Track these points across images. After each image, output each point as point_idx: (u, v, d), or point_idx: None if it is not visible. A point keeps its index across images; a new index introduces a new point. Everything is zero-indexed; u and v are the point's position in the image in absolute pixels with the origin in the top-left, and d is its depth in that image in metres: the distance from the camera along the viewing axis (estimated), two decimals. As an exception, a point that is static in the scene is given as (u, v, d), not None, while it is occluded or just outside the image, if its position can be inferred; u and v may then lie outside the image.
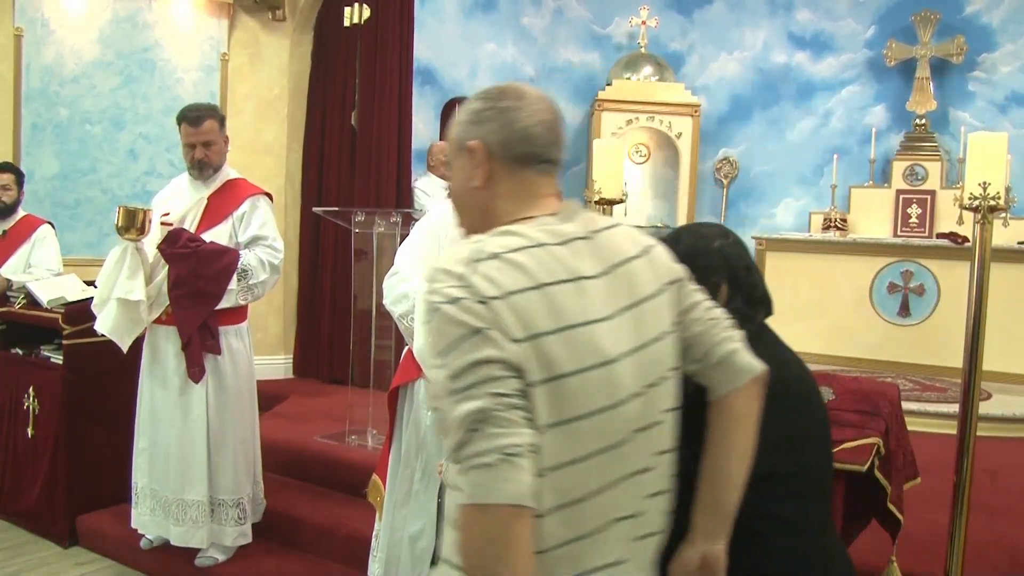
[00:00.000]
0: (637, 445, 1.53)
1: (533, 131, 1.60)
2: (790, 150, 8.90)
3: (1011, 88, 8.12)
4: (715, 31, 9.18)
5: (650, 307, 1.58)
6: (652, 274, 1.61)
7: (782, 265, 7.71)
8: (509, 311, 1.42)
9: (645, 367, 1.55)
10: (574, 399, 1.44)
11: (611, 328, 1.51)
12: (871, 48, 8.65)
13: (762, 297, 2.03)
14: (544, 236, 1.53)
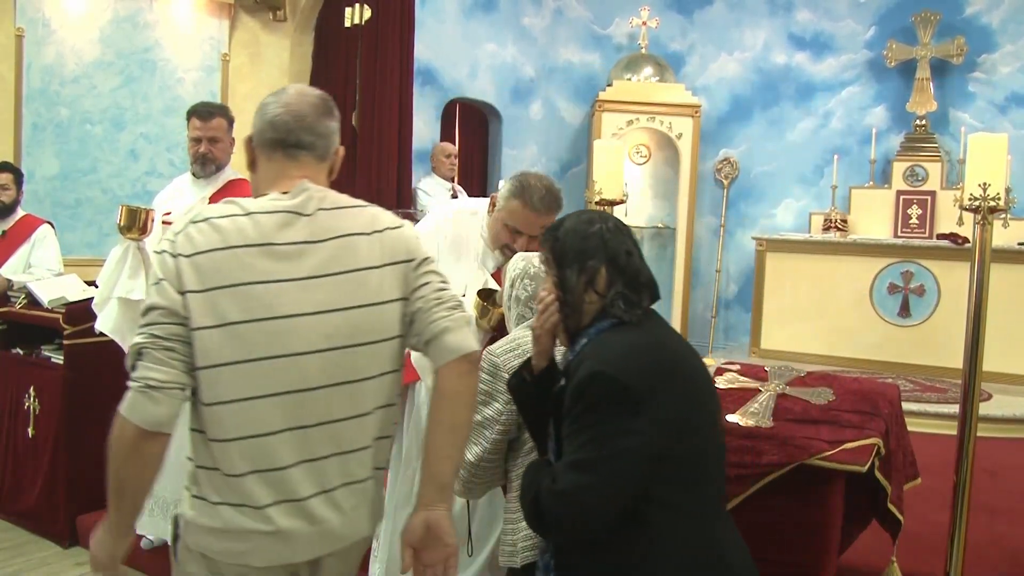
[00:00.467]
0: (327, 398, 1.78)
1: (278, 120, 1.90)
2: (790, 150, 8.90)
3: (1011, 89, 8.12)
4: (715, 31, 9.19)
5: (366, 277, 1.82)
6: (378, 250, 1.84)
7: (782, 266, 7.72)
8: (190, 267, 1.74)
9: (343, 328, 1.79)
10: (246, 345, 1.73)
11: (298, 288, 1.77)
12: (871, 49, 8.65)
13: (646, 282, 2.03)
14: (257, 207, 1.83)
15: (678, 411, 1.85)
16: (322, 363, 1.77)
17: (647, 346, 1.91)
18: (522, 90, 8.95)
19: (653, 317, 2.05)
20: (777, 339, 7.68)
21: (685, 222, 8.72)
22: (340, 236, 1.84)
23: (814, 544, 2.83)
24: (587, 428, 1.82)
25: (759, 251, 7.82)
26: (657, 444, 1.80)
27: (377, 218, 1.91)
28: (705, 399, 1.99)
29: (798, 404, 3.03)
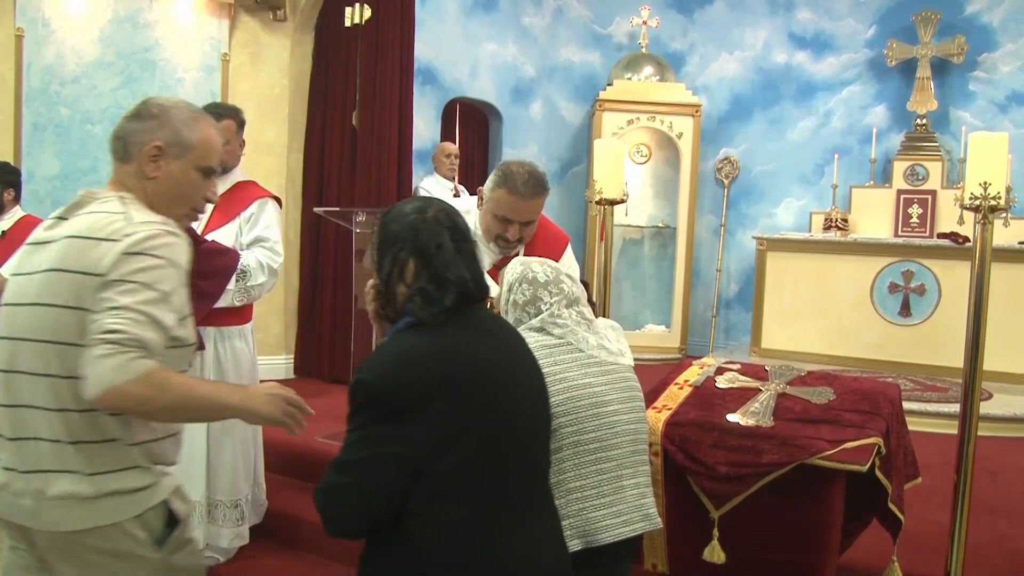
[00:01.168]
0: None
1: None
2: (791, 150, 8.90)
3: (1012, 88, 8.11)
4: (716, 31, 9.19)
5: (28, 280, 1.99)
6: (55, 256, 1.97)
7: (783, 265, 7.71)
8: None
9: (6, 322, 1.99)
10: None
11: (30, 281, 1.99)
12: (872, 48, 8.65)
13: (455, 280, 1.91)
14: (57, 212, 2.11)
15: (455, 424, 1.78)
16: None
17: (430, 354, 1.83)
18: (522, 89, 8.95)
19: (464, 317, 1.94)
20: (778, 338, 7.68)
21: (685, 222, 8.72)
22: (59, 240, 2.00)
23: (814, 544, 2.83)
24: (352, 431, 1.81)
25: (760, 250, 7.82)
26: (421, 457, 1.75)
27: (90, 225, 1.99)
28: (515, 410, 1.91)
29: (798, 404, 3.03)
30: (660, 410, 3.04)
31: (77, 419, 1.91)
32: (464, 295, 1.92)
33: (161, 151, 2.10)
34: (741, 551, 2.86)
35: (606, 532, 2.27)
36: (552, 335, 2.34)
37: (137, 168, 2.10)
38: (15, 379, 1.96)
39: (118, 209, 2.00)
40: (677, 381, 3.31)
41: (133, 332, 1.82)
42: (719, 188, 9.12)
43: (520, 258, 2.56)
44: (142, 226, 1.96)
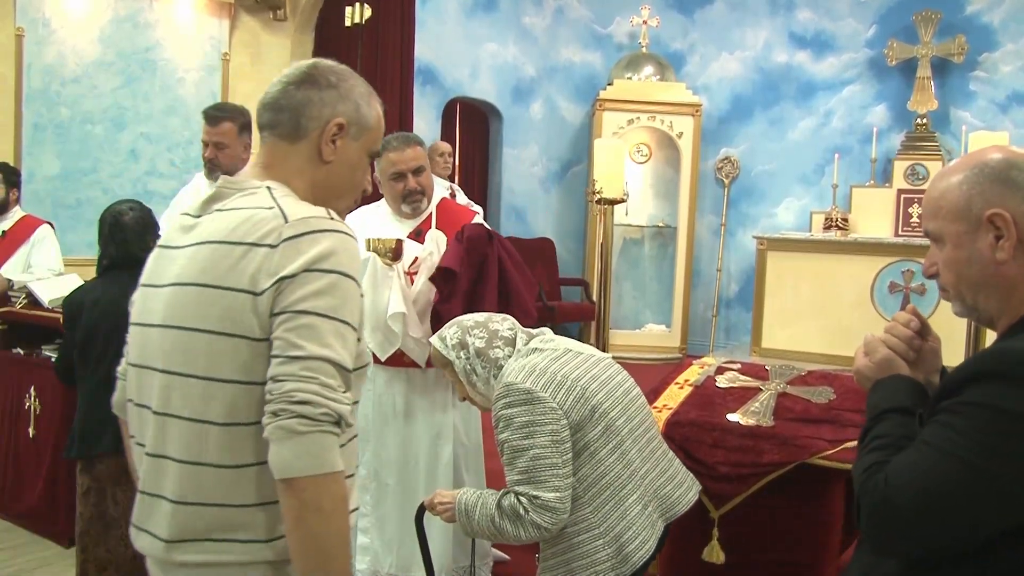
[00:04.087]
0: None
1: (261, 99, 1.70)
2: (791, 149, 8.89)
3: (1012, 87, 8.11)
4: (716, 31, 9.19)
5: (155, 294, 1.63)
6: (190, 266, 1.57)
7: (783, 265, 7.69)
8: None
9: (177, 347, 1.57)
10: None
11: (157, 296, 1.62)
12: (872, 48, 8.64)
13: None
14: (188, 210, 1.70)
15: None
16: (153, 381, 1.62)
17: None
18: (523, 89, 8.95)
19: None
20: (778, 338, 7.67)
21: (686, 221, 8.71)
22: (196, 244, 1.60)
23: (815, 543, 2.83)
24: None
25: (760, 250, 7.80)
26: None
27: (253, 224, 1.55)
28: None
29: (799, 403, 3.03)
30: (660, 410, 3.05)
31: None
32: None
33: (342, 129, 1.66)
34: (740, 551, 2.86)
35: (679, 504, 2.38)
36: (549, 349, 2.35)
37: (312, 149, 1.66)
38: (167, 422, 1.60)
39: (267, 203, 1.57)
40: (677, 381, 3.31)
41: (330, 405, 1.45)
42: (719, 188, 9.12)
43: (442, 330, 2.50)
44: (304, 224, 1.53)
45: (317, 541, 1.46)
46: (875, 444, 1.56)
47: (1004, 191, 1.51)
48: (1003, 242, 1.50)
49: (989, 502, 1.35)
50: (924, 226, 1.64)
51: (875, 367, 1.73)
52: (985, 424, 1.35)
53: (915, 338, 1.77)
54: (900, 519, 1.40)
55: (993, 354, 1.46)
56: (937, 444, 1.39)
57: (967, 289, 1.61)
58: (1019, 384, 1.35)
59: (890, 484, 1.42)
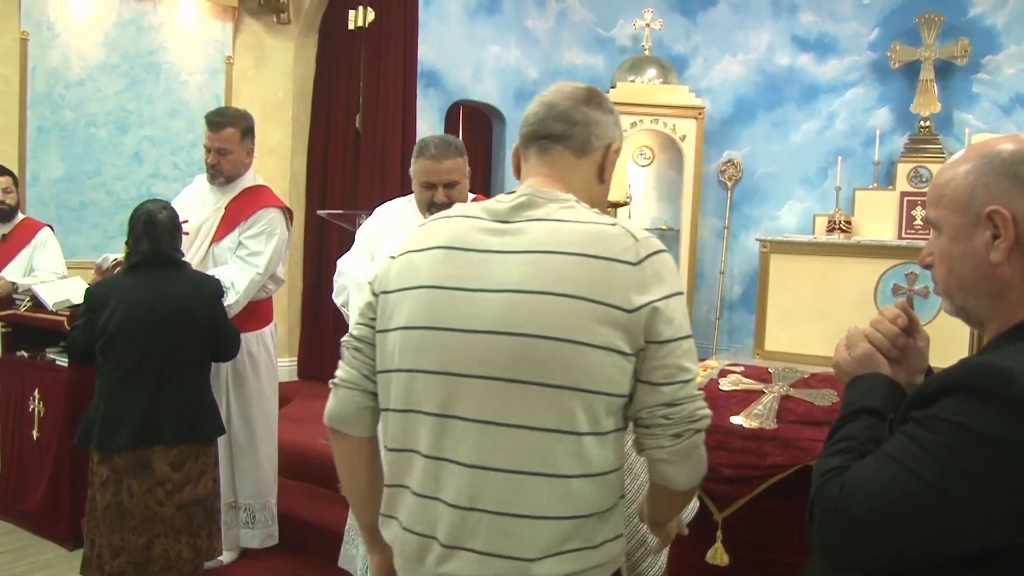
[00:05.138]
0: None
1: (530, 114, 1.77)
2: (794, 152, 8.89)
3: (1015, 90, 8.10)
4: (719, 33, 9.19)
5: (486, 299, 1.59)
6: (541, 273, 1.57)
7: (786, 267, 7.70)
8: (393, 268, 1.70)
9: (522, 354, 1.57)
10: (419, 352, 1.66)
11: (477, 300, 1.59)
12: (875, 50, 8.64)
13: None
14: (474, 211, 1.69)
15: None
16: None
17: None
18: (526, 92, 8.96)
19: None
20: (781, 341, 7.67)
21: (689, 224, 8.71)
22: (536, 252, 1.59)
23: (818, 546, 2.83)
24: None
25: (763, 253, 7.81)
26: None
27: (606, 240, 1.58)
28: None
29: (802, 406, 3.03)
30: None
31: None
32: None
33: (617, 153, 1.78)
34: (744, 553, 2.86)
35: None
36: None
37: (595, 166, 1.74)
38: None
39: (602, 219, 1.62)
40: (681, 383, 3.31)
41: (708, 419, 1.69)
42: (722, 190, 9.12)
43: None
44: (650, 244, 1.60)
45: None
46: (839, 447, 1.46)
47: (1009, 187, 1.40)
48: (999, 242, 1.40)
49: (948, 524, 1.28)
50: (927, 213, 1.54)
51: (854, 362, 1.61)
52: (952, 443, 1.28)
53: (900, 335, 1.62)
54: (852, 530, 1.34)
55: (973, 368, 1.36)
56: (899, 457, 1.32)
57: (957, 286, 1.49)
58: (994, 404, 1.26)
59: (845, 493, 1.35)
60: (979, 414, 1.27)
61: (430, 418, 1.61)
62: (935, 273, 1.52)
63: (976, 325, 1.52)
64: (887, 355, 1.60)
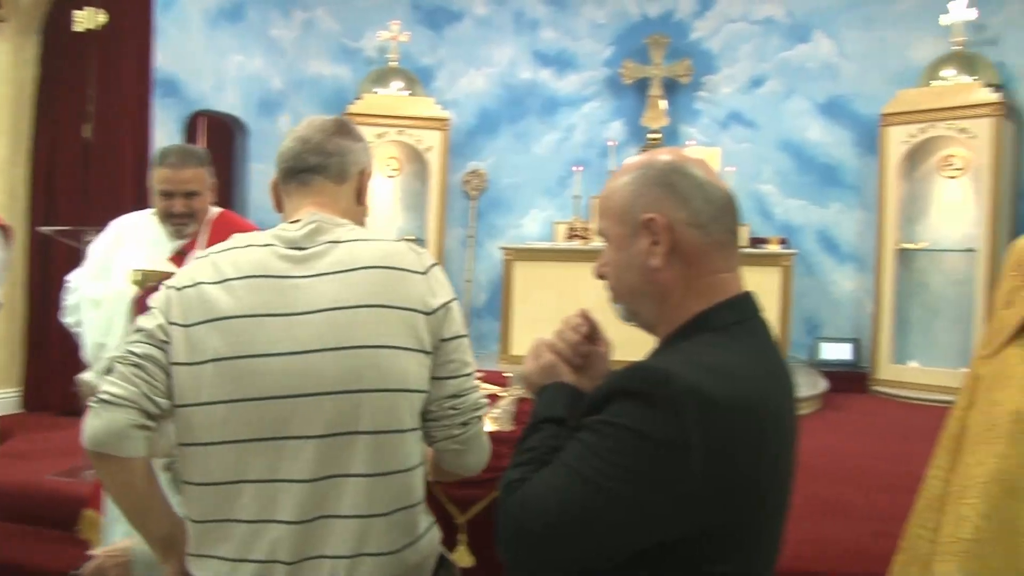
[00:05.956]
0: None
1: (285, 150, 1.90)
2: (536, 163, 9.23)
3: (730, 107, 8.83)
4: (464, 47, 9.39)
5: (364, 316, 1.73)
6: (356, 289, 1.74)
7: (529, 274, 7.93)
8: (179, 300, 1.72)
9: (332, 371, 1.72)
10: (224, 383, 1.72)
11: (294, 324, 1.70)
12: (610, 67, 9.13)
13: None
14: (264, 240, 1.80)
15: None
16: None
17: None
18: (270, 103, 8.78)
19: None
20: (526, 345, 7.75)
21: (435, 234, 8.82)
22: (341, 271, 1.74)
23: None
24: None
25: (507, 260, 8.01)
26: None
27: (396, 255, 1.79)
28: None
29: (536, 408, 3.16)
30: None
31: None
32: None
33: (368, 177, 1.99)
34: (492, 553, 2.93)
35: None
36: None
37: (353, 191, 1.94)
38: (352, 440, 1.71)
39: (385, 237, 1.86)
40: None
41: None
42: (467, 200, 9.30)
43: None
44: (429, 256, 1.88)
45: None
46: (523, 458, 1.48)
47: (663, 195, 1.48)
48: (657, 248, 1.47)
49: (620, 525, 1.33)
50: (598, 225, 1.61)
51: (539, 372, 1.66)
52: (618, 446, 1.33)
53: (583, 343, 1.69)
54: (532, 543, 1.36)
55: (634, 371, 1.40)
56: (571, 463, 1.36)
57: (626, 293, 1.57)
58: (651, 404, 1.32)
59: (524, 504, 1.38)
60: (640, 416, 1.32)
61: (261, 444, 1.65)
62: (608, 283, 1.59)
63: (649, 330, 1.57)
64: (570, 363, 1.67)
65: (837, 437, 6.03)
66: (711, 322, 1.47)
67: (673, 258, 1.47)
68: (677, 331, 1.49)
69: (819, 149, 8.59)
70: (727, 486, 1.34)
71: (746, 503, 1.38)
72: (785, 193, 8.68)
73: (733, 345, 1.44)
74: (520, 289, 7.92)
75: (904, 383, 7.59)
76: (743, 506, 1.38)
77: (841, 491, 4.68)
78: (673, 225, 1.46)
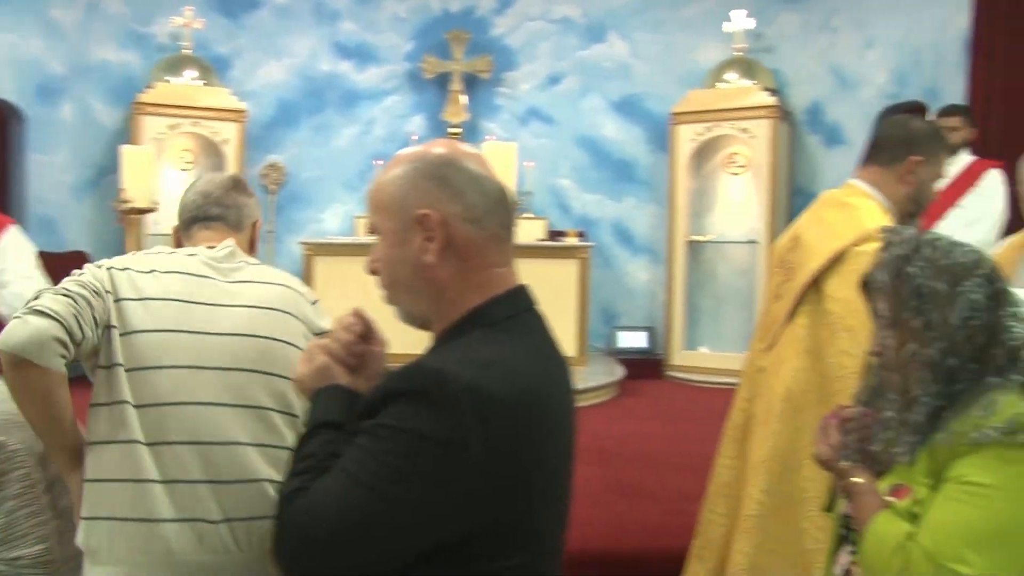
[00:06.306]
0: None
1: (187, 201, 2.27)
2: (336, 156, 9.10)
3: (529, 103, 9.02)
4: (262, 37, 9.12)
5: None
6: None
7: (330, 269, 7.83)
8: (115, 277, 1.93)
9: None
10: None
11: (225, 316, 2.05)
12: (410, 61, 9.12)
13: None
14: (189, 252, 2.11)
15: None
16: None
17: None
18: (50, 89, 8.25)
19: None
20: (326, 341, 7.79)
21: (230, 229, 8.55)
22: (259, 283, 2.10)
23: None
24: None
25: (307, 255, 7.88)
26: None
27: (291, 281, 2.22)
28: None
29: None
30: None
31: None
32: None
33: (259, 229, 2.43)
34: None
35: None
36: None
37: (247, 240, 2.30)
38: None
39: (279, 270, 2.29)
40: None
41: None
42: (266, 194, 9.05)
43: None
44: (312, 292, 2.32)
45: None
46: (302, 466, 1.44)
47: (436, 190, 1.46)
48: (431, 244, 1.45)
49: (401, 527, 1.33)
50: (369, 219, 1.56)
51: (312, 375, 1.58)
52: (398, 448, 1.32)
53: (356, 342, 1.62)
54: (316, 551, 1.34)
55: (411, 372, 1.40)
56: (351, 469, 1.34)
57: (400, 290, 1.53)
58: (429, 404, 1.32)
59: (307, 513, 1.35)
60: (418, 417, 1.32)
61: (175, 408, 1.88)
62: (381, 279, 1.55)
63: (424, 326, 1.56)
64: (345, 364, 1.60)
65: (634, 422, 6.30)
66: (486, 317, 1.47)
67: (448, 253, 1.46)
68: (452, 327, 1.49)
69: (614, 146, 8.91)
70: (508, 481, 1.35)
71: (528, 497, 1.40)
72: (582, 187, 8.95)
73: (508, 339, 1.45)
74: (321, 284, 7.80)
75: (695, 368, 8.01)
76: (525, 500, 1.40)
77: (639, 473, 4.93)
78: (447, 220, 1.45)
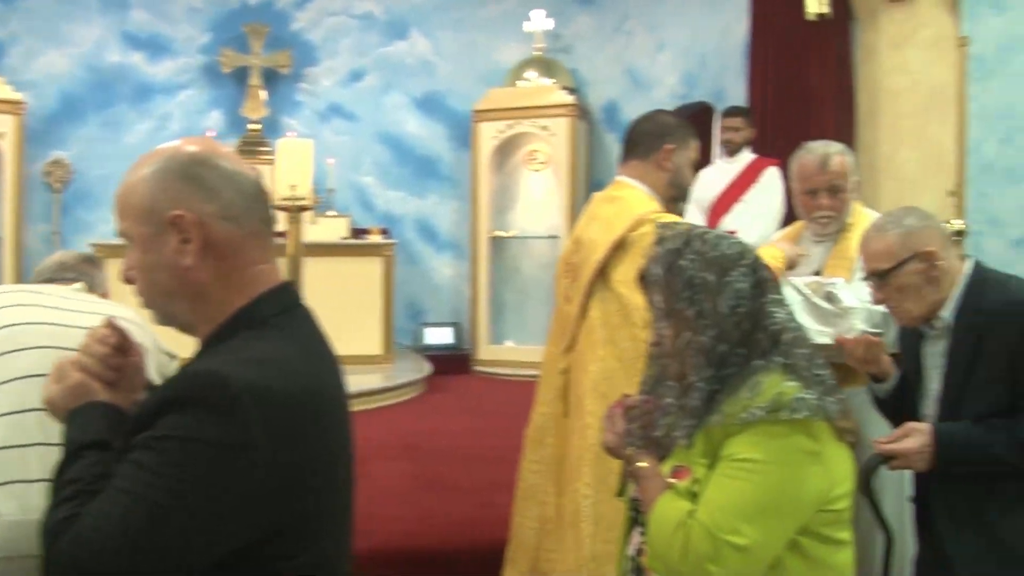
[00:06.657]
0: None
1: (43, 268, 2.65)
2: (128, 153, 8.45)
3: (330, 99, 8.89)
4: (41, 23, 8.49)
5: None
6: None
7: (112, 271, 7.46)
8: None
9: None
10: None
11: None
12: (207, 54, 8.79)
13: None
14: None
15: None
16: None
17: None
18: None
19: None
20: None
21: (11, 230, 7.85)
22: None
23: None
24: None
25: (98, 258, 7.45)
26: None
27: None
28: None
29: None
30: None
31: None
32: None
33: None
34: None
35: None
36: None
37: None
38: None
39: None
40: None
41: None
42: (50, 193, 8.49)
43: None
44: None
45: None
46: (65, 493, 1.32)
47: (188, 190, 1.40)
48: (188, 246, 1.39)
49: (191, 540, 1.26)
50: (117, 224, 1.47)
51: (66, 394, 1.46)
52: (176, 458, 1.25)
53: (113, 355, 1.51)
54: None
55: (180, 380, 1.36)
56: (129, 488, 1.26)
57: (158, 296, 1.46)
58: (208, 410, 1.27)
59: (82, 543, 1.25)
60: (198, 424, 1.26)
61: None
62: (137, 287, 1.46)
63: (189, 331, 1.49)
64: (103, 379, 1.49)
65: (441, 417, 6.34)
66: (254, 316, 1.43)
67: (206, 254, 1.40)
68: (219, 330, 1.43)
69: (417, 142, 8.92)
70: (295, 480, 1.33)
71: (314, 494, 1.38)
72: (385, 184, 8.91)
73: (280, 336, 1.42)
74: (115, 287, 7.41)
75: (502, 361, 8.13)
76: (312, 497, 1.38)
77: (447, 468, 4.96)
78: (203, 220, 1.39)
